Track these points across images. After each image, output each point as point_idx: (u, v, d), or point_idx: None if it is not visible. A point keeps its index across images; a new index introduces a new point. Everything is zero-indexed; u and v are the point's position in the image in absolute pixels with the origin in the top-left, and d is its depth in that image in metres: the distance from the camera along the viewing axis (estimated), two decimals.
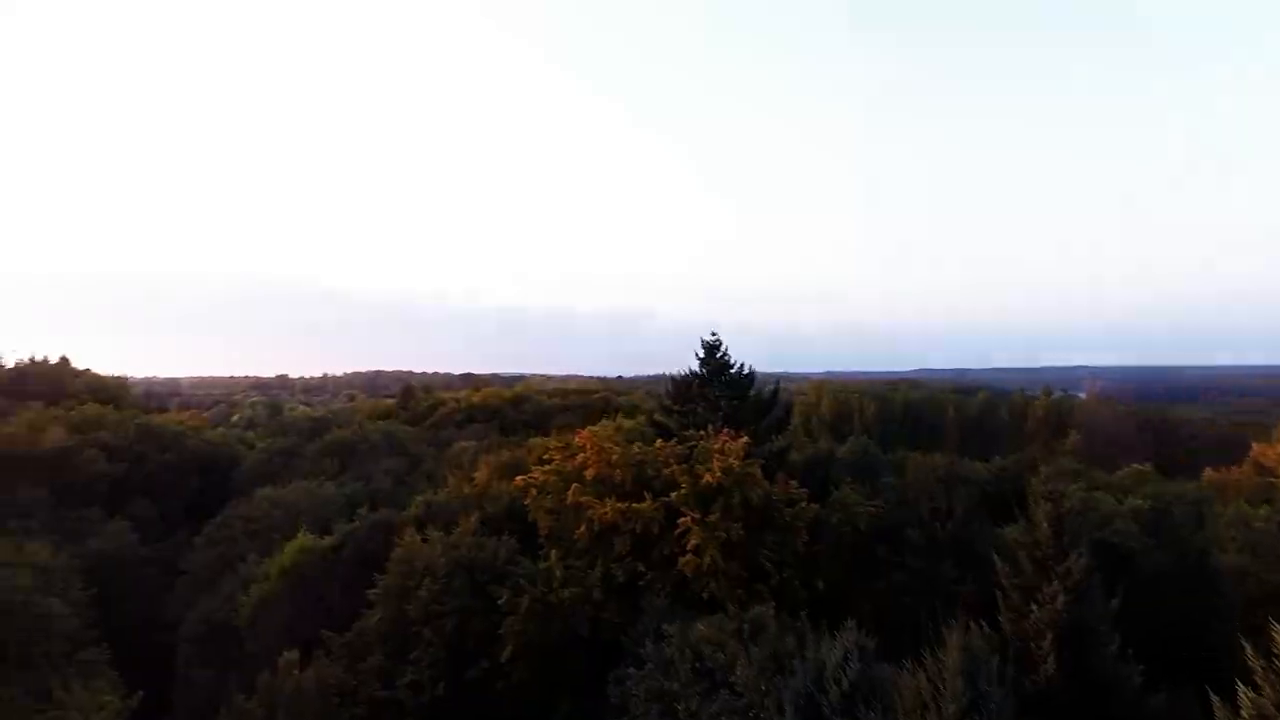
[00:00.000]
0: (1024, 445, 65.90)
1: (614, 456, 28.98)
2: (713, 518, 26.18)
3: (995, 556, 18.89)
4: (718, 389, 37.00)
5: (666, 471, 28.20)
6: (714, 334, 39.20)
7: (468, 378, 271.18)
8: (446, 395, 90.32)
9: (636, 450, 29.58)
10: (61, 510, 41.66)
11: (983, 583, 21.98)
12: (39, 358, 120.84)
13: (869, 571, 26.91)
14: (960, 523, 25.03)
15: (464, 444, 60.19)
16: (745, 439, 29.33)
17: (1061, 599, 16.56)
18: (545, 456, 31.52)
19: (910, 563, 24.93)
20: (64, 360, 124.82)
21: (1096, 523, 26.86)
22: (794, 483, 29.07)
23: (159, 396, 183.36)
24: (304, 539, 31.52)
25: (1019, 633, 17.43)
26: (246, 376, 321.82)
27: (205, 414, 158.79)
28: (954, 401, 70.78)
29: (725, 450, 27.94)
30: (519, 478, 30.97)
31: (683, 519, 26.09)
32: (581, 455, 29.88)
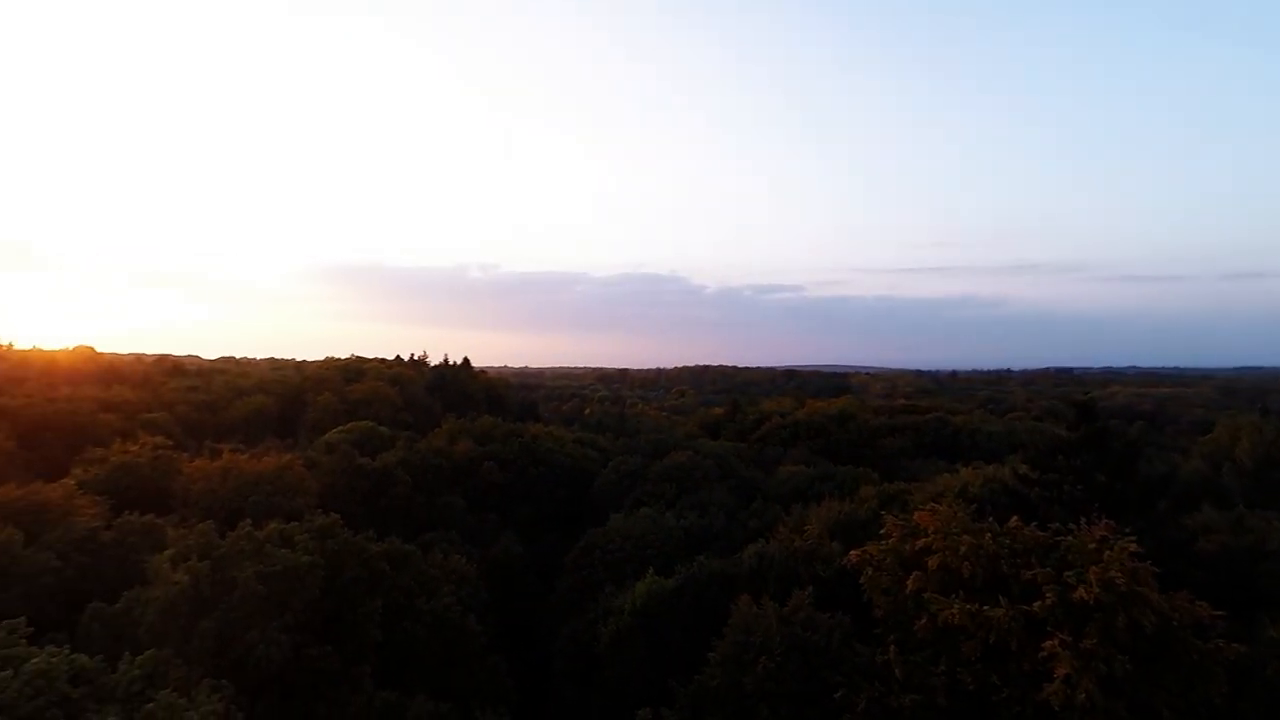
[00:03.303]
0: None
1: (962, 547, 26.38)
2: (1088, 643, 22.34)
3: None
4: (1089, 460, 31.58)
5: (1028, 575, 24.81)
6: (1087, 393, 33.65)
7: (790, 373, 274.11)
8: (771, 407, 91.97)
9: (989, 540, 26.50)
10: (470, 514, 51.89)
11: None
12: (453, 359, 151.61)
13: None
14: None
15: (790, 468, 60.76)
16: (1132, 541, 24.49)
17: None
18: (882, 531, 29.99)
19: None
20: (466, 361, 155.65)
21: None
22: (1203, 604, 23.45)
23: (529, 389, 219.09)
24: (650, 580, 34.58)
25: None
26: (594, 368, 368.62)
27: (564, 407, 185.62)
28: None
29: (1106, 559, 23.63)
30: (853, 553, 29.95)
31: (1048, 642, 22.71)
32: (923, 540, 27.82)
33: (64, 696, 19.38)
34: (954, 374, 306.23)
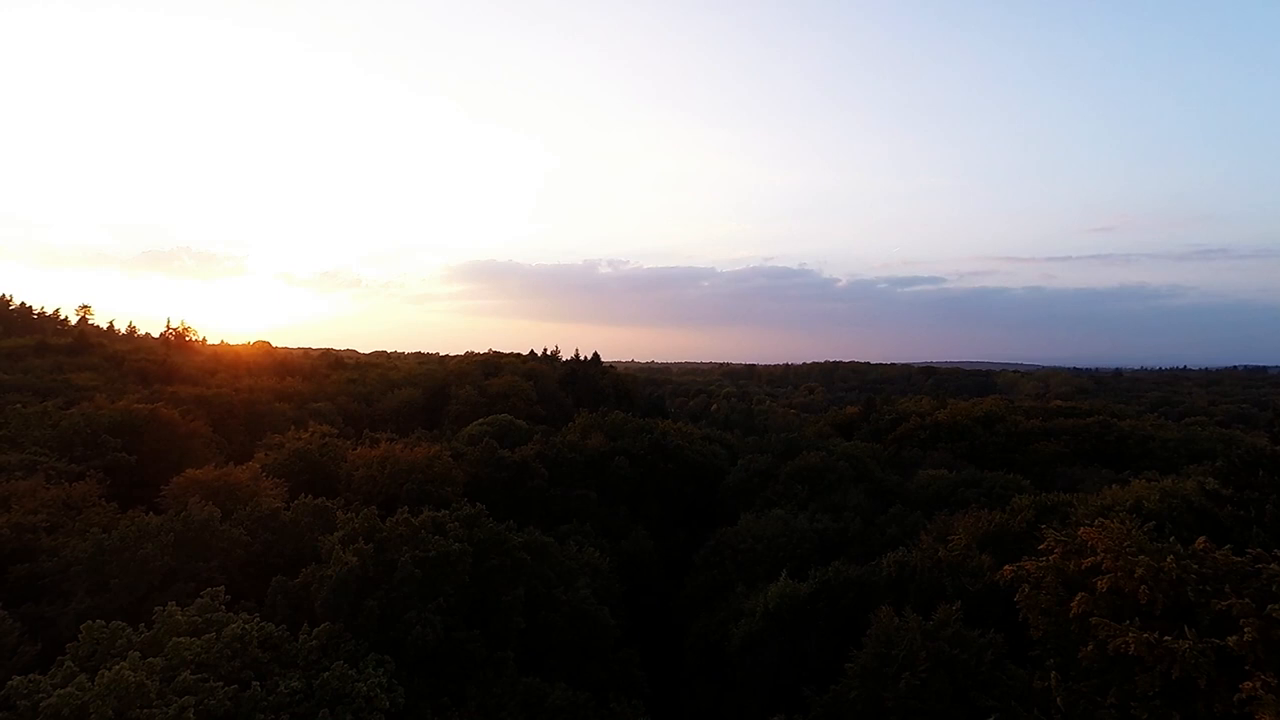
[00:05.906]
0: None
1: (1138, 569, 23.88)
2: None
3: None
4: None
5: (1220, 605, 22.06)
6: None
7: (928, 370, 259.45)
8: (909, 407, 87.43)
9: (1170, 563, 23.80)
10: (602, 508, 53.09)
11: None
12: (583, 354, 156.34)
13: None
14: None
15: (931, 473, 57.53)
16: None
17: None
18: (1041, 547, 27.72)
19: None
20: (596, 356, 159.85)
21: None
22: None
23: (656, 384, 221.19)
24: (784, 584, 33.89)
25: None
26: (721, 363, 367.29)
27: (690, 402, 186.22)
28: None
29: None
30: (1006, 567, 27.87)
31: (1247, 684, 20.08)
32: (1091, 558, 25.43)
33: (255, 660, 21.73)
34: (1118, 372, 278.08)
